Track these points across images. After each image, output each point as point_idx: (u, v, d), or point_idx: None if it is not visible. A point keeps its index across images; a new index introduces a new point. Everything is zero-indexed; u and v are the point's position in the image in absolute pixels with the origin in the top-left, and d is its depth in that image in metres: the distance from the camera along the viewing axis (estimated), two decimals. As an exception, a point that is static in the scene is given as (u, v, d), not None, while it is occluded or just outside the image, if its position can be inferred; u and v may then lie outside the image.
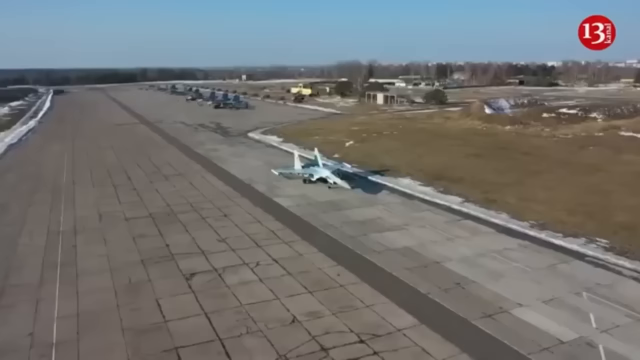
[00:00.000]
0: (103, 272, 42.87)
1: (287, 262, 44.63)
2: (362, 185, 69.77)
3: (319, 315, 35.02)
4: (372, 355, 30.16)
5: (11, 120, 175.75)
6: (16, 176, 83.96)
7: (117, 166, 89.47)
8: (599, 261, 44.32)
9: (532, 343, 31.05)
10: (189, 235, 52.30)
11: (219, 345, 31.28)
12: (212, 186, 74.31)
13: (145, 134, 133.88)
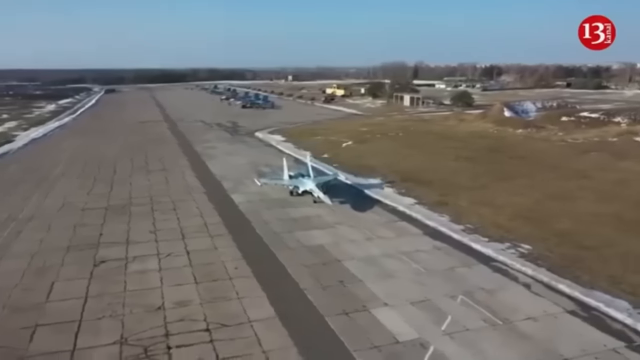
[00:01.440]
0: (26, 256, 46.34)
1: (196, 255, 46.56)
2: (353, 200, 63.55)
3: (187, 304, 36.70)
4: (207, 343, 31.47)
5: (50, 117, 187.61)
6: (15, 168, 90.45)
7: (111, 161, 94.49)
8: (503, 266, 43.58)
9: (367, 341, 31.46)
10: (127, 226, 55.27)
11: (76, 325, 33.54)
12: (183, 181, 77.43)
13: (160, 132, 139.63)
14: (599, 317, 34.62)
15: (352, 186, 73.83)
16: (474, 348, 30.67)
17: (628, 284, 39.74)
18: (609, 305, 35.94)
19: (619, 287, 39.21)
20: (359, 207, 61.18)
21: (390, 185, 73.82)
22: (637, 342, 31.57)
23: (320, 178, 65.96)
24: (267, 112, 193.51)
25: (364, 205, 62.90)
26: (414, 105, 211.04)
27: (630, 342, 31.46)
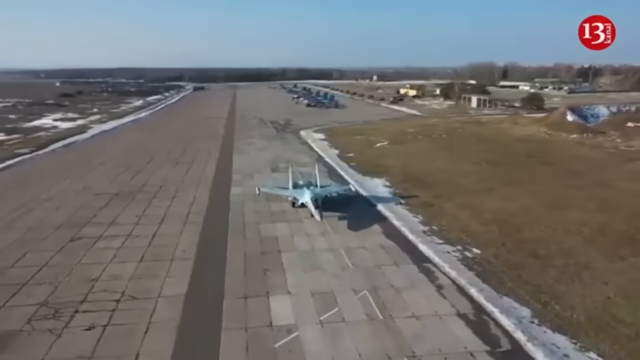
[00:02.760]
0: (22, 230, 54.23)
1: (160, 238, 51.65)
2: (354, 215, 57.99)
3: (118, 278, 41.66)
4: (109, 311, 36.07)
5: (131, 112, 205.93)
6: (69, 156, 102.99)
7: (152, 153, 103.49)
8: (432, 268, 44.13)
9: (242, 322, 34.38)
10: (121, 210, 61.81)
11: (17, 288, 39.70)
12: (200, 173, 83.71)
13: (214, 127, 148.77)
14: (485, 322, 34.56)
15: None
16: (335, 338, 32.32)
17: (550, 294, 38.90)
18: (503, 312, 35.62)
19: (537, 297, 38.49)
20: (354, 224, 55.13)
21: (389, 185, 74.33)
22: (503, 348, 31.36)
23: (325, 189, 61.45)
24: (328, 111, 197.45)
25: (360, 221, 56.19)
26: (480, 106, 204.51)
27: (495, 347, 31.35)
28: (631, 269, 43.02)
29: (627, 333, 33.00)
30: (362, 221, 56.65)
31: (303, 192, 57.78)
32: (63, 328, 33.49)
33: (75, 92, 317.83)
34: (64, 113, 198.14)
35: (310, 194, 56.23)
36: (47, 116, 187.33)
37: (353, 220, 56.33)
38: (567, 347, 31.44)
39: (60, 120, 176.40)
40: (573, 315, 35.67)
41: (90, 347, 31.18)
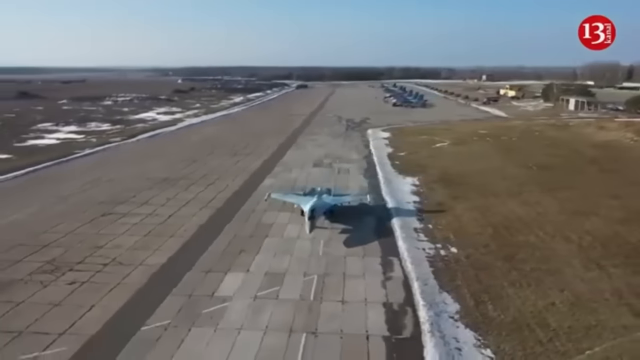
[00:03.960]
0: (70, 203, 64.37)
1: (174, 218, 58.72)
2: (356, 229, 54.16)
3: (118, 247, 48.99)
4: (95, 272, 43.24)
5: (226, 107, 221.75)
6: (149, 146, 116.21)
7: (219, 145, 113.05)
8: (396, 262, 46.02)
9: (188, 290, 39.72)
10: (158, 192, 70.30)
11: (39, 248, 48.55)
12: (247, 164, 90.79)
13: (290, 123, 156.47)
14: (404, 312, 36.45)
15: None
16: (257, 311, 36.32)
17: (492, 295, 39.44)
18: (428, 306, 37.10)
19: (477, 296, 39.23)
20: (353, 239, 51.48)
21: (419, 185, 75.51)
22: (401, 336, 33.23)
23: (337, 198, 58.71)
24: (412, 111, 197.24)
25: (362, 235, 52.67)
26: (578, 109, 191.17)
27: (394, 334, 33.36)
28: (601, 279, 41.44)
29: (540, 337, 32.93)
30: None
31: (306, 201, 54.89)
32: (52, 281, 40.94)
33: (188, 89, 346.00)
34: (169, 108, 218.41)
35: (310, 204, 52.60)
36: (154, 110, 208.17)
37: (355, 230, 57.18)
38: (467, 342, 32.32)
39: (163, 114, 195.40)
40: (500, 316, 35.97)
41: (63, 297, 38.12)
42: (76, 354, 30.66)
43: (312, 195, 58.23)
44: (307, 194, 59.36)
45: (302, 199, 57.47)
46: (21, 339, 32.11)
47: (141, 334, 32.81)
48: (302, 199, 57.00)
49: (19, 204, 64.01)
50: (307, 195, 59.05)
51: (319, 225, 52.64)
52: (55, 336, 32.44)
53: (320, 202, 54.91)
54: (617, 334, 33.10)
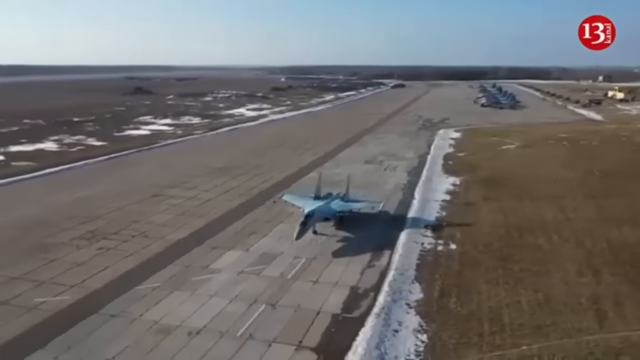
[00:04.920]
0: (133, 185, 73.65)
1: (210, 202, 65.55)
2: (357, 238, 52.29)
3: (151, 223, 56.27)
4: (123, 241, 50.72)
5: (314, 105, 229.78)
6: (226, 138, 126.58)
7: (285, 140, 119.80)
8: (386, 252, 48.49)
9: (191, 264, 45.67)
10: (209, 180, 77.79)
11: (90, 219, 57.40)
12: (301, 158, 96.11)
13: (366, 121, 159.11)
14: (365, 296, 39.05)
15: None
16: (236, 283, 40.94)
17: (463, 290, 40.43)
18: (392, 293, 39.31)
19: (447, 289, 40.57)
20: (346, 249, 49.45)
21: (461, 186, 76.29)
22: (350, 315, 36.14)
23: (344, 204, 56.52)
24: (499, 112, 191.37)
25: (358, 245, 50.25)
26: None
27: (344, 313, 36.34)
28: (587, 285, 40.84)
29: (484, 330, 33.97)
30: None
31: (310, 205, 52.99)
32: (85, 246, 48.80)
33: (286, 87, 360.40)
34: (260, 104, 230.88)
35: (310, 209, 51.23)
36: (245, 106, 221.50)
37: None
38: (409, 326, 34.36)
39: (252, 110, 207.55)
40: (457, 308, 37.28)
41: (87, 259, 45.59)
42: (75, 302, 37.24)
43: (323, 199, 56.08)
44: (318, 198, 56.54)
45: (309, 202, 54.72)
46: (41, 287, 39.56)
47: (132, 292, 38.80)
48: (308, 203, 54.42)
49: (91, 183, 74.53)
50: (317, 199, 56.25)
51: (321, 232, 51.92)
52: (67, 288, 39.52)
53: (324, 207, 53.22)
54: (567, 336, 33.07)
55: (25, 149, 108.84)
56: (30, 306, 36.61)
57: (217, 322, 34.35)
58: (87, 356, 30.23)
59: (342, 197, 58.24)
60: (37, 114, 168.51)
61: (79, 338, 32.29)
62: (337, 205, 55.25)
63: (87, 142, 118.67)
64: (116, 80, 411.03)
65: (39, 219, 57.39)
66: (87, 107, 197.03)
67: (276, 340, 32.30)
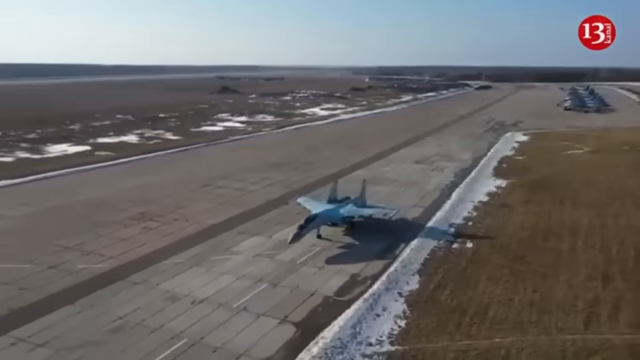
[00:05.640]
0: (193, 175, 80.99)
1: (251, 193, 70.51)
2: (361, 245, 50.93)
3: (194, 210, 62.12)
4: (166, 223, 57.05)
5: (389, 105, 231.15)
6: (289, 135, 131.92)
7: (344, 139, 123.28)
8: (401, 244, 50.86)
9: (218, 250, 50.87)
10: (261, 173, 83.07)
11: (146, 206, 64.59)
12: (355, 157, 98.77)
13: (434, 122, 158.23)
14: (362, 282, 41.58)
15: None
16: (250, 264, 45.05)
17: (463, 286, 41.80)
18: (388, 282, 41.60)
19: (446, 284, 42.18)
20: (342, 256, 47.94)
21: (506, 188, 76.18)
22: (341, 298, 39.00)
23: (354, 210, 55.04)
24: (582, 116, 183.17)
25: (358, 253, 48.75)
26: None
27: (337, 296, 39.27)
28: (591, 289, 40.53)
29: (464, 321, 35.27)
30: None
31: (318, 208, 52.75)
32: (132, 225, 55.39)
33: (366, 87, 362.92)
34: (335, 104, 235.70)
35: (314, 212, 50.96)
36: (320, 105, 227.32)
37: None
38: (392, 312, 36.45)
39: (326, 109, 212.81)
40: (447, 300, 38.81)
41: (130, 236, 51.92)
42: (109, 270, 43.27)
43: (338, 203, 55.30)
44: (332, 202, 55.67)
45: (319, 206, 54.11)
46: (86, 256, 46.18)
47: (158, 265, 44.26)
48: (318, 206, 53.70)
49: (156, 172, 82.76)
50: (331, 202, 55.49)
51: (325, 237, 51.22)
52: (106, 258, 45.81)
53: (329, 212, 52.42)
54: (545, 333, 33.71)
55: (110, 140, 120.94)
56: (73, 271, 42.99)
57: (219, 295, 38.50)
58: (104, 313, 35.43)
59: (356, 202, 56.93)
60: (129, 110, 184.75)
61: (102, 299, 37.81)
62: (346, 211, 53.88)
63: (164, 136, 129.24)
64: (208, 80, 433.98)
65: (104, 200, 65.34)
66: (174, 104, 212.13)
67: (265, 314, 35.82)
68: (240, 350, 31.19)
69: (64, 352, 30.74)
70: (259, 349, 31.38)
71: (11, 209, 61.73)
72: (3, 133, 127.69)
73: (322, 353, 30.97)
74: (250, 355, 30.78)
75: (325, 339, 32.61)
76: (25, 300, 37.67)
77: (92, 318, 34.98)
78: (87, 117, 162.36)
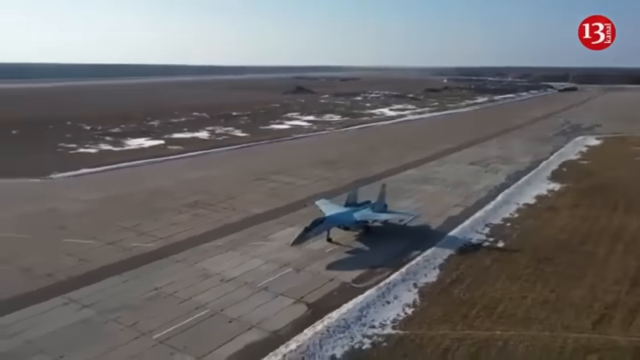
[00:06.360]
0: (244, 170, 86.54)
1: (301, 187, 74.08)
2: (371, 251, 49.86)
3: (242, 201, 67.18)
4: (213, 211, 62.37)
5: (462, 107, 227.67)
6: (347, 135, 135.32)
7: (407, 138, 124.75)
8: (419, 242, 52.71)
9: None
10: (311, 169, 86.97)
11: (196, 193, 70.65)
12: (413, 155, 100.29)
13: (504, 125, 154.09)
14: (378, 274, 44.13)
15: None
16: (280, 249, 49.03)
17: (481, 285, 43.31)
18: (406, 273, 43.84)
19: (460, 277, 43.88)
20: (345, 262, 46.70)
21: (556, 191, 75.16)
22: (357, 285, 41.68)
23: (369, 214, 53.78)
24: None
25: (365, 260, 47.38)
26: None
27: (354, 283, 42.10)
28: (613, 293, 40.17)
29: (471, 313, 36.56)
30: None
31: (330, 211, 52.36)
32: (185, 212, 60.84)
33: (441, 88, 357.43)
34: (405, 105, 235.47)
35: (324, 215, 50.70)
36: (390, 106, 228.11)
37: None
38: (403, 300, 38.38)
39: (394, 110, 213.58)
40: (460, 294, 40.00)
41: (182, 221, 57.27)
42: (157, 249, 48.53)
43: (355, 206, 54.20)
44: (350, 205, 54.56)
45: (333, 209, 53.39)
46: (140, 236, 51.88)
47: (199, 247, 48.94)
48: (332, 209, 53.03)
49: (216, 166, 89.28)
50: (348, 206, 54.47)
51: (335, 241, 50.60)
52: (157, 239, 51.26)
53: (340, 215, 51.47)
54: (549, 330, 34.37)
55: (183, 136, 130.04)
56: (126, 248, 48.73)
57: (246, 275, 42.37)
58: (145, 284, 40.40)
59: (374, 206, 55.01)
60: (206, 108, 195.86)
61: (146, 272, 42.93)
62: (360, 215, 52.55)
63: (232, 133, 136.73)
64: (286, 80, 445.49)
65: (165, 189, 71.91)
66: (249, 103, 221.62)
67: (283, 294, 39.12)
68: (252, 323, 34.65)
69: (104, 313, 35.61)
70: (269, 323, 34.67)
71: (87, 194, 69.49)
72: (92, 127, 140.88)
73: (324, 330, 33.69)
74: (261, 327, 34.11)
75: (331, 318, 35.30)
76: (83, 269, 43.50)
77: (134, 287, 39.91)
78: (167, 114, 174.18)
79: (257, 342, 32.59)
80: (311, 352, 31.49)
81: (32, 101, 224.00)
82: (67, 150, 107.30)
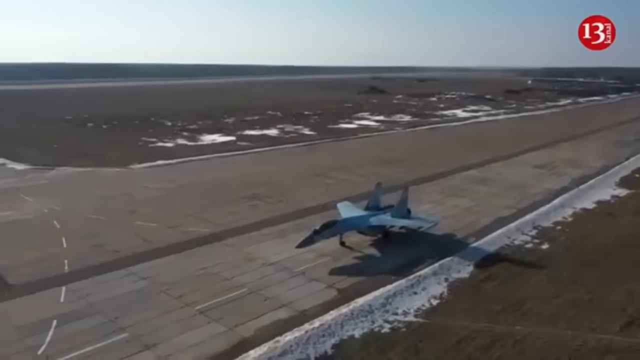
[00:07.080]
0: (306, 167, 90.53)
1: (353, 184, 76.47)
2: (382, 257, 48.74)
3: (298, 195, 71.00)
4: (269, 203, 66.51)
5: (540, 109, 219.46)
6: (405, 135, 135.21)
7: (473, 141, 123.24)
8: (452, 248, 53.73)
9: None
10: (371, 167, 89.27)
11: (260, 186, 75.38)
12: (473, 157, 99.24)
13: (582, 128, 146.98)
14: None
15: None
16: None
17: (508, 278, 44.18)
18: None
19: (493, 275, 44.82)
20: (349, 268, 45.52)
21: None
22: (390, 277, 43.90)
23: (385, 219, 51.78)
24: None
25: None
26: None
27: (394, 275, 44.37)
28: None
29: (496, 309, 37.59)
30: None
31: (343, 215, 51.46)
32: (243, 203, 65.32)
33: (522, 90, 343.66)
34: (480, 106, 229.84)
35: (337, 218, 50.00)
36: (463, 107, 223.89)
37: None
38: (431, 292, 40.05)
39: (467, 111, 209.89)
40: (491, 290, 41.21)
41: (238, 210, 61.94)
42: (211, 234, 53.18)
43: (375, 210, 52.68)
44: (371, 209, 52.96)
45: (351, 212, 52.17)
46: (199, 222, 56.86)
47: (249, 234, 53.00)
48: (349, 213, 51.84)
49: (279, 161, 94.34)
50: (368, 209, 52.96)
51: (348, 245, 49.64)
52: (213, 225, 56.06)
53: (357, 219, 50.11)
54: (572, 329, 34.63)
55: (254, 133, 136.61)
56: (185, 231, 53.86)
57: (286, 261, 45.65)
58: (195, 263, 44.93)
59: (394, 211, 52.59)
60: (280, 107, 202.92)
61: (198, 253, 47.60)
62: (377, 220, 50.71)
63: (301, 131, 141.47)
64: (363, 80, 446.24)
65: (228, 181, 77.39)
66: (322, 102, 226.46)
67: (317, 279, 42.01)
68: (284, 302, 37.85)
69: (157, 285, 40.40)
70: (299, 303, 37.69)
71: (158, 184, 76.26)
72: (172, 124, 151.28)
73: (349, 313, 36.17)
74: (291, 306, 37.19)
75: (357, 303, 37.66)
76: (145, 248, 48.97)
77: (185, 265, 44.57)
78: (243, 112, 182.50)
79: (285, 319, 35.64)
80: (332, 330, 34.05)
81: (125, 100, 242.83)
82: (147, 144, 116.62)
